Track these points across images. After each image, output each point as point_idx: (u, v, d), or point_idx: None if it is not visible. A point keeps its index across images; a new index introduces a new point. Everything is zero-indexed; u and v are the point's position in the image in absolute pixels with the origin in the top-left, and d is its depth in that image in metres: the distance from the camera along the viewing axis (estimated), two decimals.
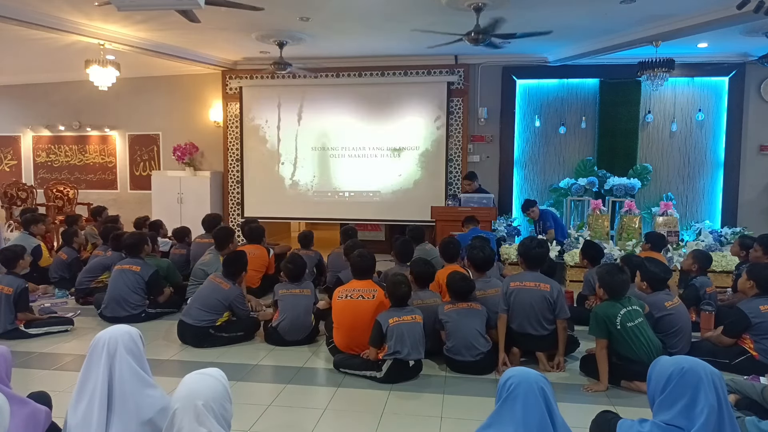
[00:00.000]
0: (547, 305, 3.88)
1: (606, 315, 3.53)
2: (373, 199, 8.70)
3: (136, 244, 5.21)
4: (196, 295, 4.58)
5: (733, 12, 5.02)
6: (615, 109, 8.03)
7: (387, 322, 3.69)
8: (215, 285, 4.52)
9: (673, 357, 2.11)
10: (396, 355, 3.64)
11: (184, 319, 4.44)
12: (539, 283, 3.93)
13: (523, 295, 3.92)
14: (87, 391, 2.10)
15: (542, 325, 3.90)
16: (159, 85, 9.36)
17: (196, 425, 1.79)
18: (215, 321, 4.41)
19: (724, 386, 1.97)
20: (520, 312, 3.92)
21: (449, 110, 8.33)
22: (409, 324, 3.71)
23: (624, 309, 3.53)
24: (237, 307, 4.52)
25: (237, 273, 4.61)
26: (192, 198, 9.00)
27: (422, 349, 3.76)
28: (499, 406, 1.98)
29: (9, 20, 5.90)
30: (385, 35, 6.97)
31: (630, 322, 3.50)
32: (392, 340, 3.65)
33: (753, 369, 3.61)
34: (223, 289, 4.48)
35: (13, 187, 9.12)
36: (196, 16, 5.01)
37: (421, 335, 3.77)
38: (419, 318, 3.79)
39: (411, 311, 3.81)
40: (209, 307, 4.40)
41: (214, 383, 1.89)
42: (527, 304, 3.90)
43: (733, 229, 7.10)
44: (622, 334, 3.49)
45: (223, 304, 4.45)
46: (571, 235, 6.75)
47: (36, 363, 3.96)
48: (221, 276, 4.59)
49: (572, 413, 3.00)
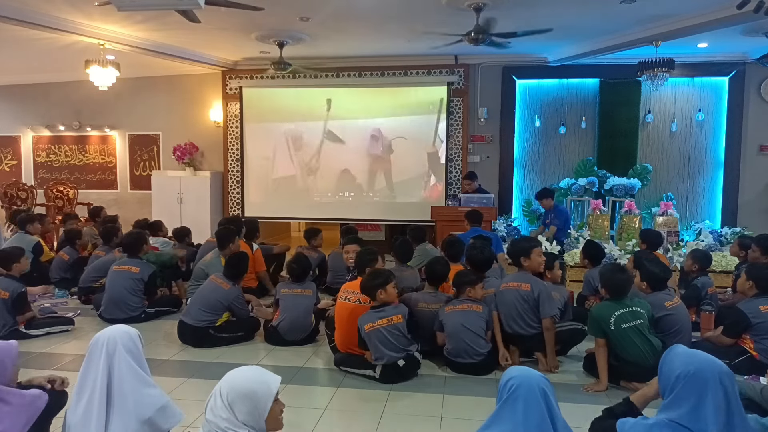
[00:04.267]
0: (528, 305, 3.89)
1: (600, 315, 3.54)
2: (373, 199, 8.71)
3: (135, 243, 5.18)
4: (196, 295, 4.58)
5: (733, 12, 5.02)
6: (615, 109, 8.03)
7: (363, 327, 3.64)
8: (215, 285, 4.52)
9: (684, 352, 2.09)
10: (378, 361, 3.62)
11: (184, 319, 4.44)
12: (521, 283, 3.96)
13: (506, 296, 3.97)
14: (86, 390, 2.11)
15: (528, 324, 3.91)
16: (159, 85, 9.36)
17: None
18: (215, 321, 4.41)
19: (734, 384, 1.96)
20: (505, 312, 3.96)
21: (449, 110, 8.33)
22: (385, 328, 3.61)
23: (621, 310, 3.51)
24: (236, 307, 4.52)
25: (239, 275, 4.62)
26: (192, 198, 9.00)
27: (407, 348, 3.66)
28: (500, 406, 1.98)
29: (9, 20, 5.89)
30: (385, 35, 6.97)
31: (625, 323, 3.49)
32: (372, 347, 3.63)
33: (753, 369, 3.60)
34: (223, 289, 4.48)
35: (13, 187, 9.12)
36: (196, 16, 5.02)
37: (402, 334, 3.64)
38: (397, 318, 3.64)
39: (390, 312, 3.65)
40: (209, 306, 4.39)
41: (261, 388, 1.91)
42: (510, 304, 3.94)
43: (733, 229, 7.09)
44: (616, 335, 3.49)
45: (223, 304, 4.44)
46: (571, 235, 6.75)
47: (36, 363, 3.95)
48: (222, 276, 4.59)
49: (572, 413, 2.99)
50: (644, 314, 3.59)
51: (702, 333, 4.22)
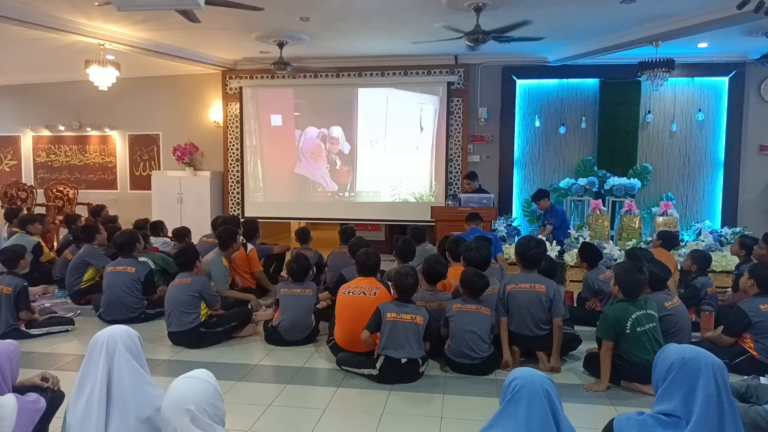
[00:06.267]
0: (542, 306, 3.88)
1: (616, 318, 3.46)
2: (373, 199, 8.70)
3: (128, 243, 5.14)
4: (168, 303, 4.45)
5: (733, 12, 5.01)
6: (615, 109, 8.03)
7: (385, 314, 3.66)
8: (178, 285, 4.45)
9: (679, 346, 2.11)
10: (386, 351, 3.61)
11: (171, 329, 4.39)
12: (534, 284, 3.93)
13: (518, 298, 3.92)
14: (86, 389, 2.11)
15: (539, 326, 3.90)
16: (159, 85, 9.36)
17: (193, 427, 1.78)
18: (198, 316, 4.35)
19: (726, 376, 1.98)
20: (517, 314, 3.92)
21: (449, 110, 8.33)
22: (407, 324, 3.64)
23: (636, 312, 3.46)
24: (205, 294, 4.45)
25: (189, 263, 4.56)
26: (192, 198, 9.00)
27: (417, 350, 3.66)
28: (503, 407, 1.98)
29: (9, 20, 5.89)
30: (385, 35, 6.97)
31: (641, 326, 3.44)
32: (384, 335, 3.63)
33: (753, 369, 3.60)
34: (186, 284, 4.42)
35: (13, 187, 9.11)
36: (196, 16, 5.01)
37: (417, 337, 3.67)
38: (420, 319, 3.69)
39: (414, 310, 3.72)
40: (185, 305, 4.33)
41: (202, 385, 1.88)
42: (523, 306, 3.89)
43: (733, 229, 7.09)
44: (630, 338, 3.44)
45: (195, 297, 4.38)
46: (571, 235, 6.75)
47: (36, 363, 3.95)
48: (180, 275, 4.55)
49: (572, 413, 2.99)
50: (656, 316, 3.56)
51: (702, 333, 4.23)
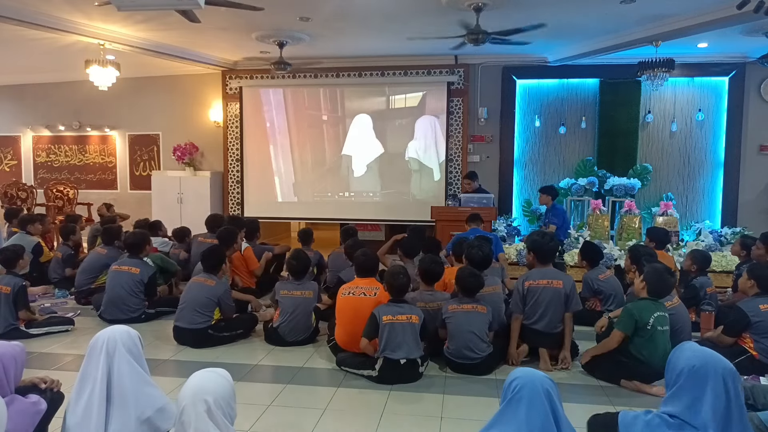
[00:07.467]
0: (561, 302, 3.90)
1: (640, 312, 3.49)
2: (373, 199, 8.70)
3: (139, 244, 5.18)
4: (184, 298, 4.46)
5: (733, 12, 5.01)
6: (615, 109, 8.02)
7: (381, 317, 3.66)
8: (200, 284, 4.46)
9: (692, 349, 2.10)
10: (385, 353, 3.62)
11: (179, 324, 4.39)
12: (552, 280, 3.95)
13: (539, 294, 3.92)
14: (86, 389, 2.11)
15: (553, 322, 3.92)
16: (159, 85, 9.36)
17: (207, 419, 1.78)
18: (210, 320, 4.37)
19: (738, 383, 1.97)
20: (536, 311, 3.92)
21: (449, 110, 8.33)
22: (402, 324, 3.64)
23: (659, 312, 3.50)
24: (225, 302, 4.46)
25: (216, 266, 4.56)
26: (192, 198, 9.00)
27: (415, 349, 3.66)
28: (503, 407, 1.99)
29: (9, 20, 5.89)
30: (385, 35, 6.97)
31: (660, 326, 3.48)
32: (383, 339, 3.63)
33: (753, 369, 3.61)
34: (209, 287, 4.42)
35: (13, 187, 9.11)
36: (196, 16, 5.01)
37: (414, 336, 3.67)
38: (415, 318, 3.69)
39: (409, 310, 3.72)
40: (201, 306, 4.34)
41: (222, 381, 1.90)
42: (542, 302, 3.91)
43: (733, 229, 7.09)
44: (648, 334, 3.46)
45: (213, 301, 4.39)
46: (571, 235, 6.75)
47: (36, 363, 3.95)
48: (204, 274, 4.55)
49: (572, 413, 2.99)
50: (668, 321, 3.58)
51: (702, 333, 4.23)
